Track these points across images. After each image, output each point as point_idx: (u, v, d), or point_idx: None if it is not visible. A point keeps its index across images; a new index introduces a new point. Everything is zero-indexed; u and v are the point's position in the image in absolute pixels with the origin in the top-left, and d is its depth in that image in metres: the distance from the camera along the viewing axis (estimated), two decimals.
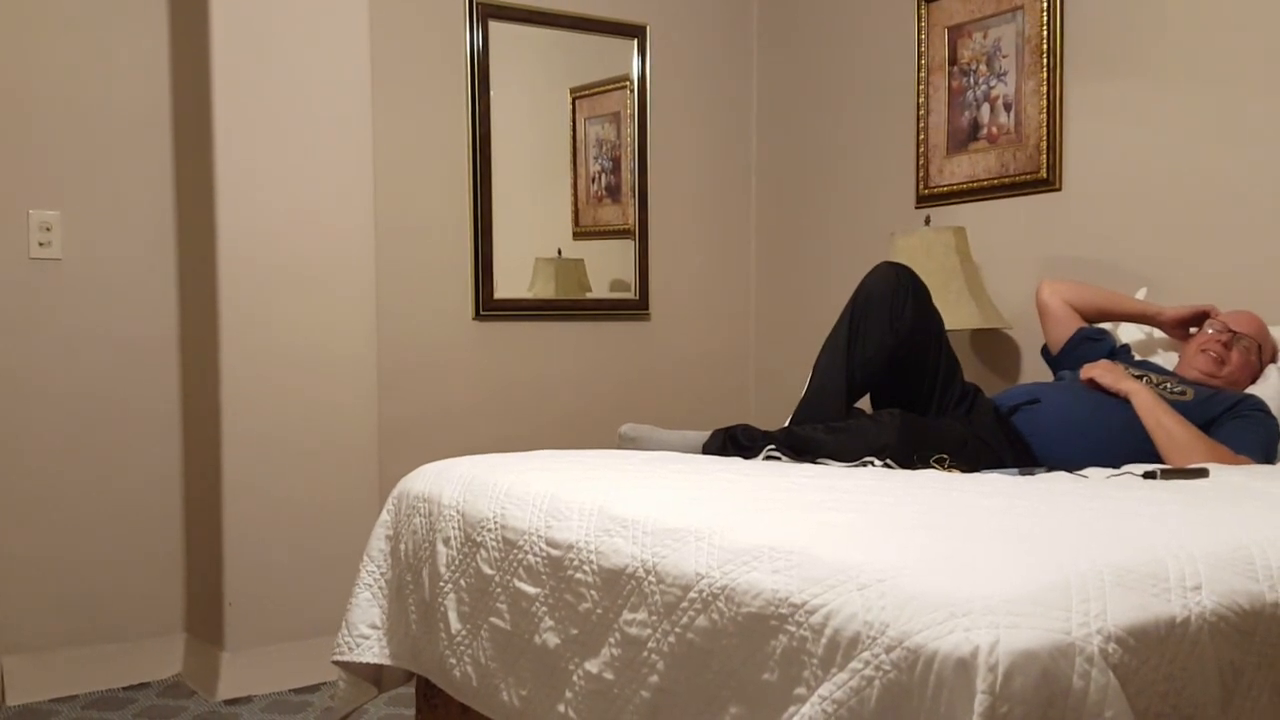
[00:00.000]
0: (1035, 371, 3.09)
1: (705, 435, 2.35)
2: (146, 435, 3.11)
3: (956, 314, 3.01)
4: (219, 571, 2.97)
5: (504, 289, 3.69)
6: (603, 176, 3.89)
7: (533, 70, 3.76)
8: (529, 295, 3.76)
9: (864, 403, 2.56)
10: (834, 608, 1.23)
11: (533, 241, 3.79)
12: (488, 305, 3.64)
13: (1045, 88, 3.14)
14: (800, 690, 1.25)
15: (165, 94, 3.11)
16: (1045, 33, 3.14)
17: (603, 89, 3.89)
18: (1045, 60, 3.14)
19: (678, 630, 1.43)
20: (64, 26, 2.97)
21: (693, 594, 1.42)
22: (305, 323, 3.02)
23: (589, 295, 3.88)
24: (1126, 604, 1.17)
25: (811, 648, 1.24)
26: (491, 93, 3.62)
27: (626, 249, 3.94)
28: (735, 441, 2.30)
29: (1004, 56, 3.27)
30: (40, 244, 2.95)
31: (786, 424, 2.49)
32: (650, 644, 1.46)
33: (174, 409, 3.15)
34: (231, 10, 2.90)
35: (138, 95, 3.07)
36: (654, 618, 1.47)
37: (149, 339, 3.10)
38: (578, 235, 3.87)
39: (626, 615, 1.51)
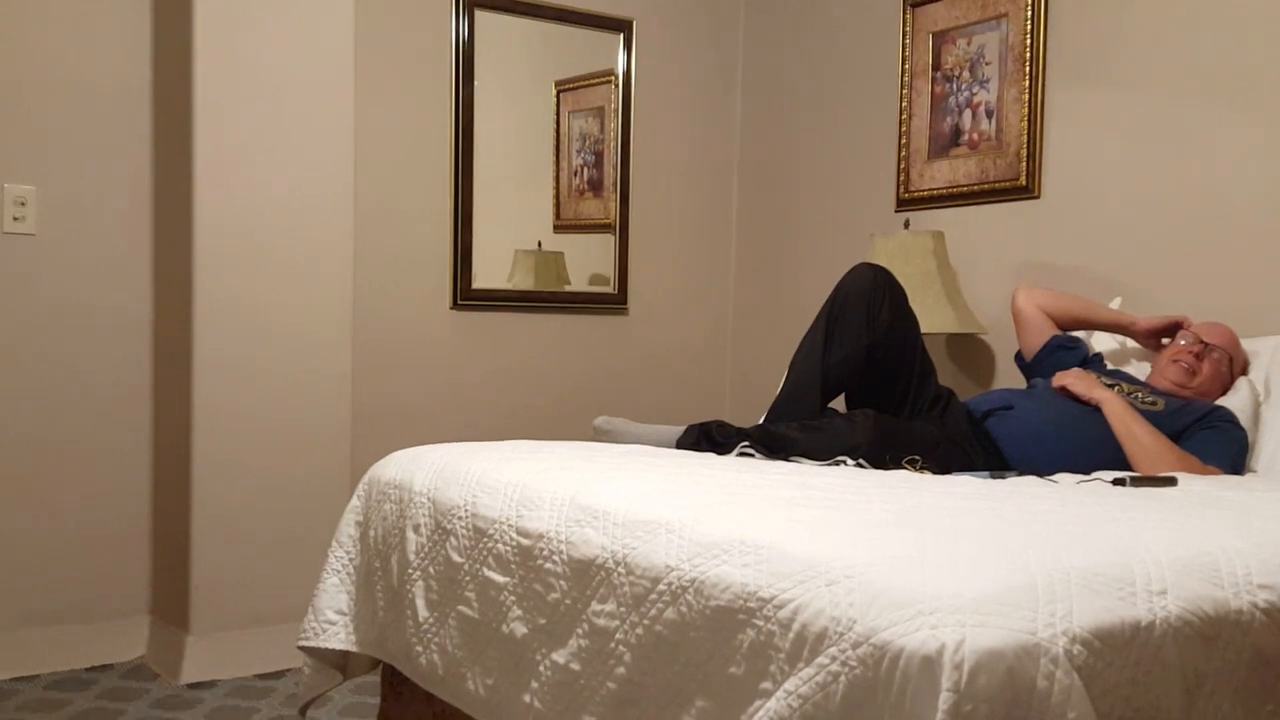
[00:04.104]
0: (1009, 377, 3.10)
1: (679, 430, 2.35)
2: (116, 415, 3.08)
3: (933, 318, 3.03)
4: (186, 554, 2.94)
5: (483, 279, 3.67)
6: (585, 170, 3.88)
7: (518, 62, 3.75)
8: (508, 286, 3.75)
9: (839, 403, 2.57)
10: (802, 603, 1.23)
11: (513, 233, 3.78)
12: (466, 294, 3.63)
13: (1027, 95, 3.16)
14: (766, 684, 1.25)
15: (146, 70, 3.08)
16: (1029, 41, 3.15)
17: (587, 83, 3.88)
18: (1028, 68, 3.16)
19: (646, 622, 1.42)
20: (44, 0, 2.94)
21: (661, 586, 1.41)
22: (280, 305, 3.00)
23: (568, 288, 3.88)
24: (1092, 606, 1.18)
25: (779, 642, 1.24)
26: (476, 83, 3.61)
27: (607, 243, 3.94)
28: (709, 437, 2.30)
29: (987, 63, 3.29)
30: (14, 218, 2.92)
31: (761, 421, 2.49)
32: (618, 635, 1.46)
33: (145, 389, 3.12)
34: None
35: (118, 71, 3.04)
36: (622, 609, 1.46)
37: (122, 317, 3.07)
38: (558, 228, 3.86)
39: (595, 606, 1.51)
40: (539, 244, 3.82)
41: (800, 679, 1.20)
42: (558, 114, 3.83)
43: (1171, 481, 1.94)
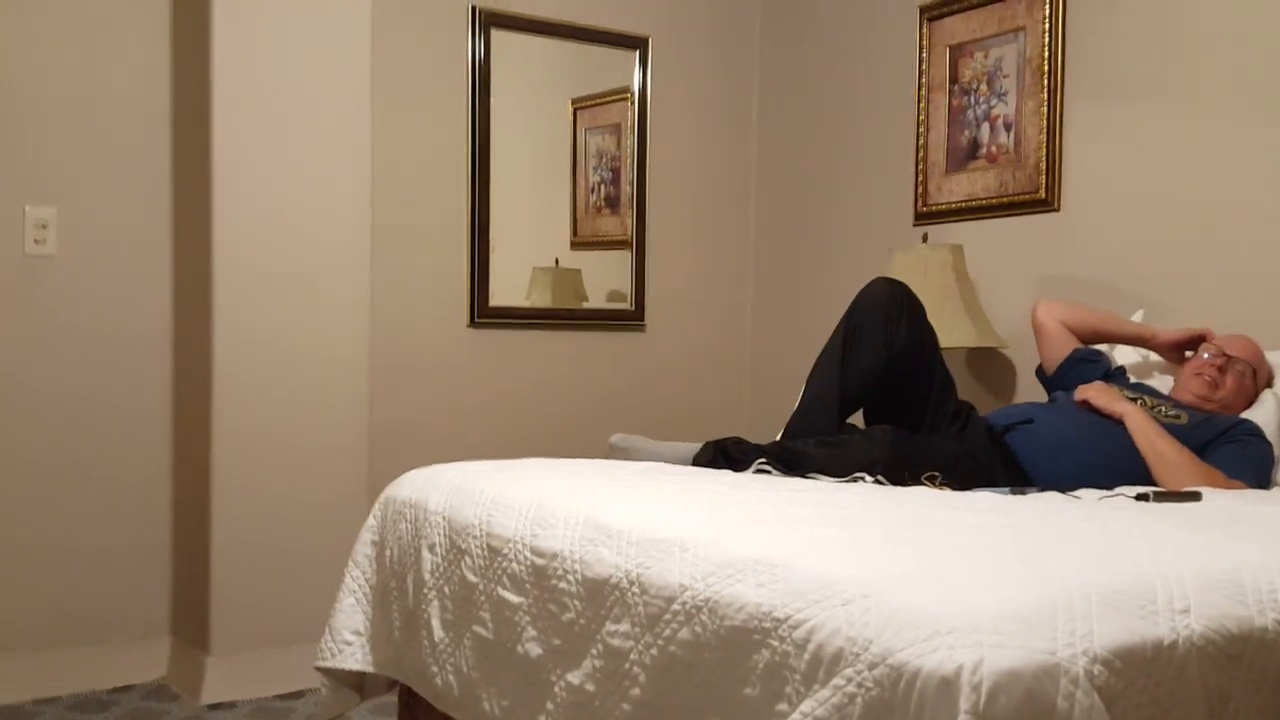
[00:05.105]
0: (1030, 391, 3.07)
1: (696, 447, 2.33)
2: (136, 435, 3.09)
3: (952, 332, 3.00)
4: (206, 575, 2.95)
5: (500, 297, 3.68)
6: (602, 187, 3.89)
7: (534, 80, 3.76)
8: (526, 304, 3.75)
9: (858, 418, 2.54)
10: (818, 623, 1.21)
11: (531, 250, 3.78)
12: (483, 312, 3.63)
13: (1045, 108, 3.14)
14: (782, 706, 1.23)
15: (165, 93, 3.10)
16: (1046, 54, 3.14)
17: (604, 100, 3.89)
18: (1046, 81, 3.14)
19: (660, 642, 1.41)
20: (64, 22, 2.96)
21: (676, 606, 1.40)
22: (298, 325, 3.01)
23: (585, 305, 3.87)
24: (1114, 625, 1.15)
25: (794, 663, 1.22)
26: (492, 101, 3.62)
27: (624, 260, 3.93)
28: (726, 454, 2.28)
29: (1005, 76, 3.27)
30: (35, 241, 2.94)
31: (778, 438, 2.48)
32: (632, 656, 1.45)
33: (165, 410, 3.13)
34: (233, 11, 2.89)
35: (137, 93, 3.07)
36: (637, 629, 1.45)
37: (142, 338, 3.09)
38: (576, 245, 3.87)
39: (609, 626, 1.50)
40: (556, 261, 3.83)
41: (816, 700, 1.18)
42: (575, 131, 3.84)
43: (1196, 496, 1.91)
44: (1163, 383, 2.68)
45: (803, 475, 2.17)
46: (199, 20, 2.93)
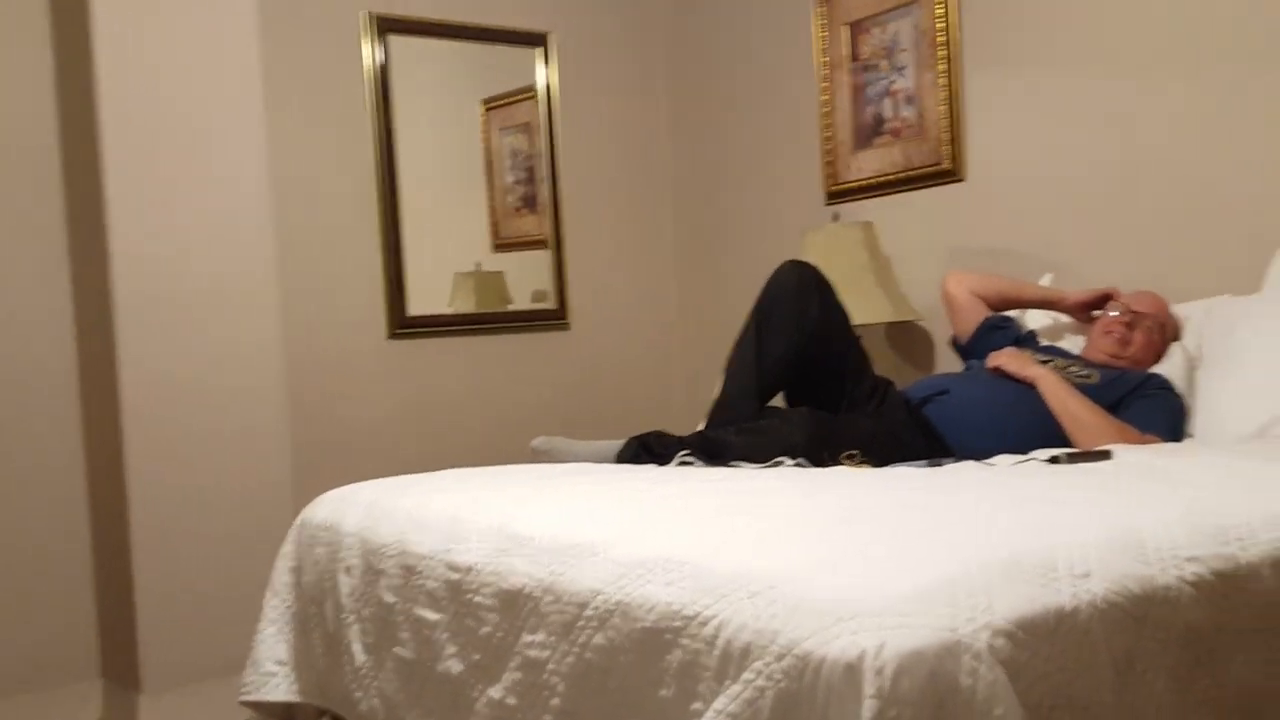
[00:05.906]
0: (950, 362, 3.10)
1: (619, 445, 2.32)
2: (49, 475, 3.00)
3: (868, 308, 3.02)
4: (131, 612, 2.87)
5: (422, 305, 3.63)
6: (519, 187, 3.85)
7: (441, 82, 3.71)
8: (448, 311, 3.70)
9: (780, 401, 2.55)
10: (725, 618, 1.20)
11: (451, 256, 3.73)
12: (402, 323, 3.58)
13: (945, 80, 3.16)
14: (697, 705, 1.22)
15: (51, 121, 3.01)
16: (942, 25, 3.15)
17: (513, 99, 3.85)
18: (943, 52, 3.16)
19: (576, 650, 1.39)
20: None
21: (589, 611, 1.38)
22: (207, 351, 2.93)
23: (511, 307, 3.83)
24: (1014, 596, 1.15)
25: (705, 660, 1.21)
26: (396, 106, 3.56)
27: (546, 260, 3.90)
28: (648, 449, 2.27)
29: (903, 50, 3.29)
30: None
31: (701, 427, 2.47)
32: (550, 665, 1.43)
33: (76, 446, 3.04)
34: (115, 32, 2.80)
35: (22, 123, 2.97)
36: (553, 638, 1.43)
37: (46, 375, 3.00)
38: (498, 247, 3.83)
39: (526, 637, 1.47)
40: (478, 265, 3.78)
41: (728, 697, 1.17)
42: (486, 132, 3.79)
43: (1105, 455, 1.94)
44: (1074, 344, 2.72)
45: (725, 464, 2.17)
46: (80, 43, 2.84)
